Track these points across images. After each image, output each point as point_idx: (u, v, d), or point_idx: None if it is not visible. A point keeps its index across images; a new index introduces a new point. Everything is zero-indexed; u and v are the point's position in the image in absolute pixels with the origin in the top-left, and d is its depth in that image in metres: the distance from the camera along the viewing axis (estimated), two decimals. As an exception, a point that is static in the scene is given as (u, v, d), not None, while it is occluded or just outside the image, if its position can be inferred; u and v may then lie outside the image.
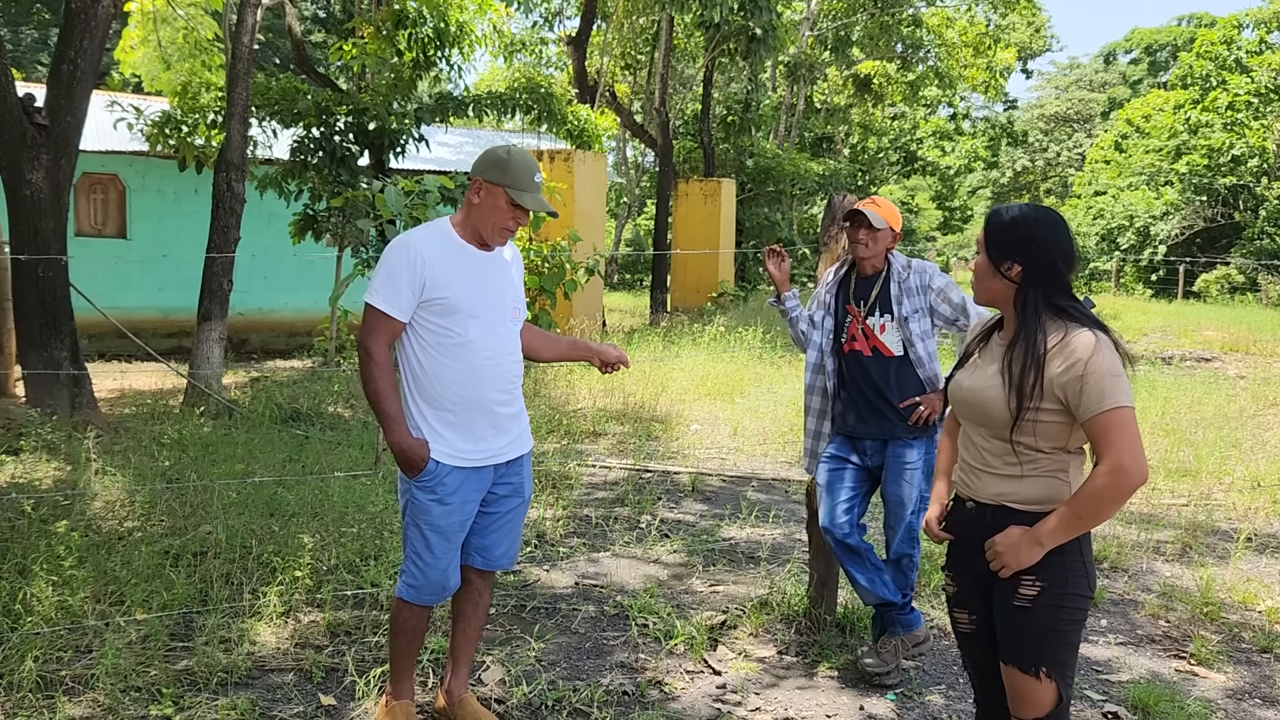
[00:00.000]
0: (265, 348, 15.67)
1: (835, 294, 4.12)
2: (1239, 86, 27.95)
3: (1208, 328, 17.75)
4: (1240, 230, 27.73)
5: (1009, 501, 2.54)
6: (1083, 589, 2.51)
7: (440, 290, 3.13)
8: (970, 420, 2.64)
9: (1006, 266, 2.52)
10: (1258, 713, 3.89)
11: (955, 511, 2.73)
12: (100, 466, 6.28)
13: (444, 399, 3.19)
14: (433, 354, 3.18)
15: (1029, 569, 2.48)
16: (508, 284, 3.31)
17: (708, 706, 3.79)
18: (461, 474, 3.22)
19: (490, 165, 3.16)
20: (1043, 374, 2.44)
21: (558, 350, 3.65)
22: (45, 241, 8.04)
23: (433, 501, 3.21)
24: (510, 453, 3.33)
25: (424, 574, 3.27)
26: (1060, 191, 48.50)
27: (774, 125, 29.23)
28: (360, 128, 12.32)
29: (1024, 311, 2.51)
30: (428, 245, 3.17)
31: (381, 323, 3.15)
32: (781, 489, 7.18)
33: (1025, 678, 2.53)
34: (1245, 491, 7.01)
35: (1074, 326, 2.45)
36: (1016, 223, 2.52)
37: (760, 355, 12.76)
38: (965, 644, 2.78)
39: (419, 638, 3.43)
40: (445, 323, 3.15)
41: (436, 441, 3.20)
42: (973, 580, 2.67)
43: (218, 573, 4.62)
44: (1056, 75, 57.71)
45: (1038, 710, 2.53)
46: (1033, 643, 2.52)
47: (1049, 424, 2.47)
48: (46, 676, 3.69)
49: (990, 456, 2.58)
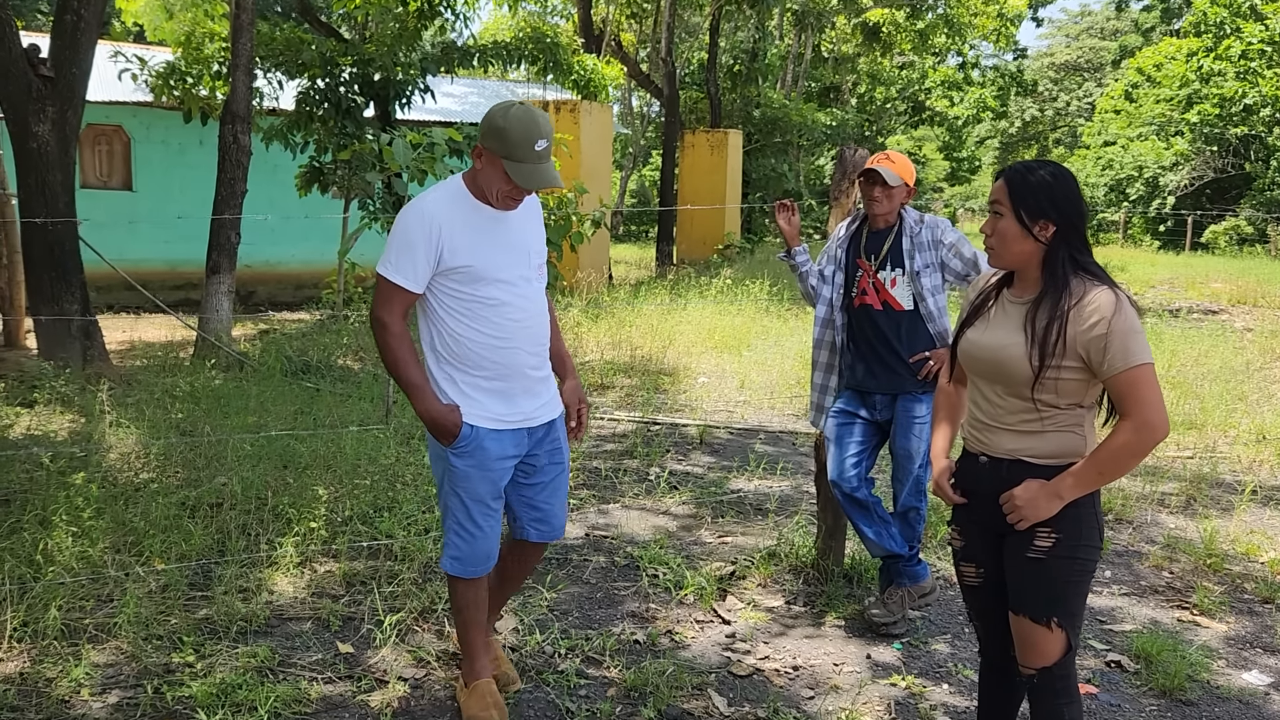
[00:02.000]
0: (272, 300, 15.71)
1: (846, 248, 4.12)
2: (1253, 34, 27.55)
3: (1215, 280, 17.71)
4: (1250, 181, 27.52)
5: (1026, 456, 2.56)
6: (1094, 540, 2.56)
7: (461, 258, 3.00)
8: (984, 377, 2.64)
9: (1040, 227, 2.48)
10: (1259, 661, 3.96)
11: (965, 467, 2.72)
12: (114, 419, 6.35)
13: (477, 363, 3.08)
14: (462, 319, 3.06)
15: (1045, 521, 2.52)
16: (530, 239, 3.17)
17: (717, 655, 3.86)
18: (497, 436, 3.11)
19: (488, 132, 2.97)
20: (1065, 331, 2.44)
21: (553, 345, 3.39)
22: (53, 194, 8.04)
23: (471, 468, 3.10)
24: (543, 416, 3.23)
25: (470, 545, 3.18)
26: (1069, 142, 48.11)
27: (781, 75, 28.94)
28: (365, 78, 12.24)
29: (1053, 270, 2.49)
30: (443, 211, 3.01)
31: (396, 294, 3.02)
32: (789, 441, 7.23)
33: (1036, 627, 2.57)
34: (1250, 444, 7.05)
35: (1093, 284, 2.45)
36: (1048, 181, 2.48)
37: (767, 308, 12.78)
38: (971, 596, 2.82)
39: (482, 608, 3.33)
40: (471, 289, 3.03)
41: (470, 405, 3.09)
42: (982, 534, 2.69)
43: (234, 524, 4.69)
44: (1067, 23, 56.99)
45: (1046, 659, 2.58)
46: (1046, 593, 2.55)
47: (1069, 381, 2.47)
48: (70, 625, 3.78)
49: (1005, 413, 2.58)
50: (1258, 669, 3.88)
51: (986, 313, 2.65)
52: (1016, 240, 2.52)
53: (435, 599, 4.13)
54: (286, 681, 3.47)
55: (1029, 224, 2.49)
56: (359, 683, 3.52)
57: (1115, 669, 3.84)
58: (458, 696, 3.39)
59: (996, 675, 2.87)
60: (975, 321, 2.67)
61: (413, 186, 7.46)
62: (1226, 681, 3.77)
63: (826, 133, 26.32)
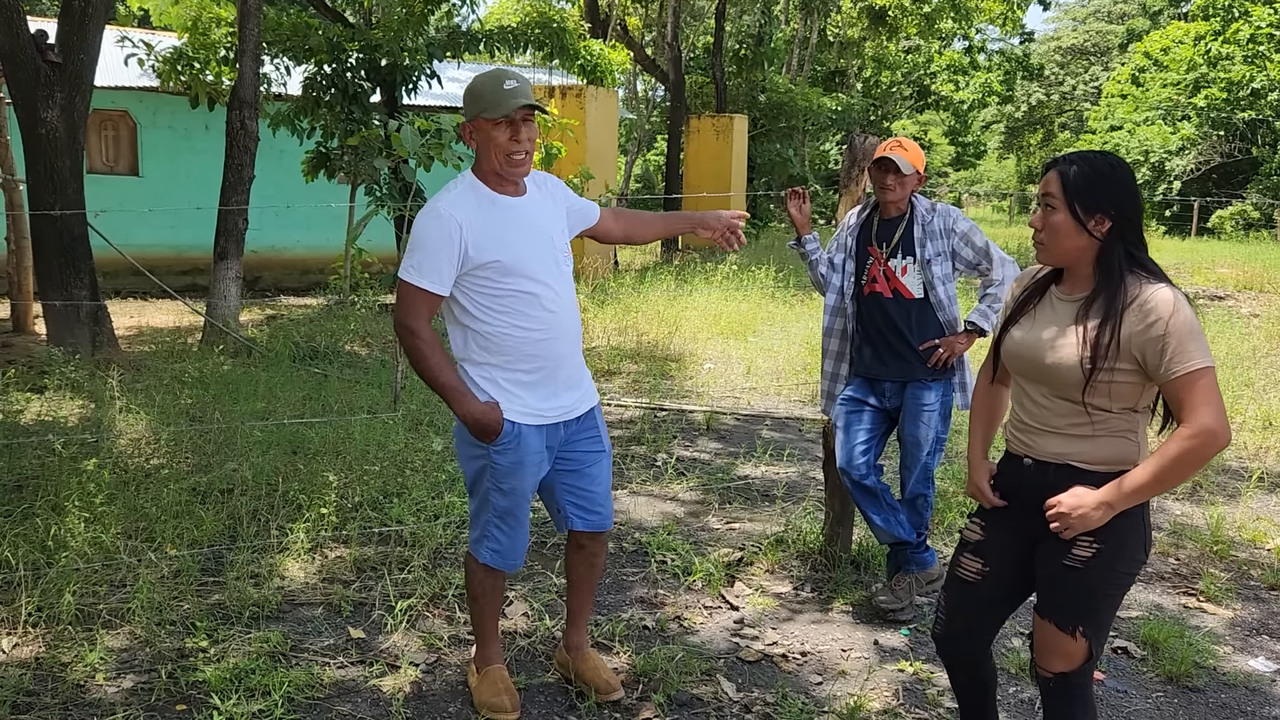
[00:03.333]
0: (279, 285, 15.73)
1: (856, 236, 4.13)
2: (1261, 18, 27.40)
3: (1222, 265, 17.65)
4: (1257, 166, 27.42)
5: (1075, 461, 2.43)
6: (1139, 553, 2.43)
7: (489, 254, 2.94)
8: (1029, 378, 2.51)
9: (1096, 221, 2.35)
10: (1265, 647, 3.98)
11: (1007, 469, 2.60)
12: (124, 404, 6.38)
13: (516, 358, 3.02)
14: (499, 315, 2.99)
15: (1089, 530, 2.38)
16: (551, 226, 3.11)
17: (726, 640, 3.89)
18: (537, 431, 3.08)
19: (466, 106, 3.00)
20: (1119, 331, 2.32)
21: (661, 228, 3.45)
22: (62, 180, 8.06)
23: (514, 465, 3.05)
24: (581, 407, 3.20)
25: (511, 539, 3.16)
26: (1075, 126, 47.89)
27: (786, 59, 28.83)
28: (372, 64, 12.22)
29: (1108, 268, 2.36)
30: (460, 209, 2.96)
31: (421, 299, 2.95)
32: (795, 427, 7.25)
33: (1061, 635, 2.47)
34: (1257, 431, 7.06)
35: (1149, 282, 2.33)
36: (1105, 173, 2.35)
37: (773, 294, 12.77)
38: (959, 590, 2.68)
39: (499, 599, 3.34)
40: (504, 283, 2.97)
41: (510, 401, 3.03)
42: (1010, 536, 2.58)
43: (245, 509, 4.73)
44: (1074, 6, 56.62)
45: (1067, 665, 2.50)
46: (1077, 603, 2.45)
47: (1122, 384, 2.36)
48: (84, 610, 3.81)
49: (1052, 416, 2.46)
50: (1264, 655, 3.90)
51: (1032, 310, 2.52)
52: (1070, 236, 2.38)
53: (445, 584, 4.16)
54: (299, 666, 3.51)
55: (1084, 219, 2.36)
56: (371, 667, 3.55)
57: (1122, 655, 3.86)
58: (469, 682, 3.42)
59: (965, 675, 2.78)
60: (1020, 319, 2.53)
61: (420, 173, 7.48)
62: (1232, 668, 3.79)
63: (832, 118, 26.24)
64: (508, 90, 2.93)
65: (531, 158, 3.04)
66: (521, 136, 2.97)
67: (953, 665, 2.80)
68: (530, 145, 3.00)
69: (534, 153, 3.06)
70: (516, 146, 2.96)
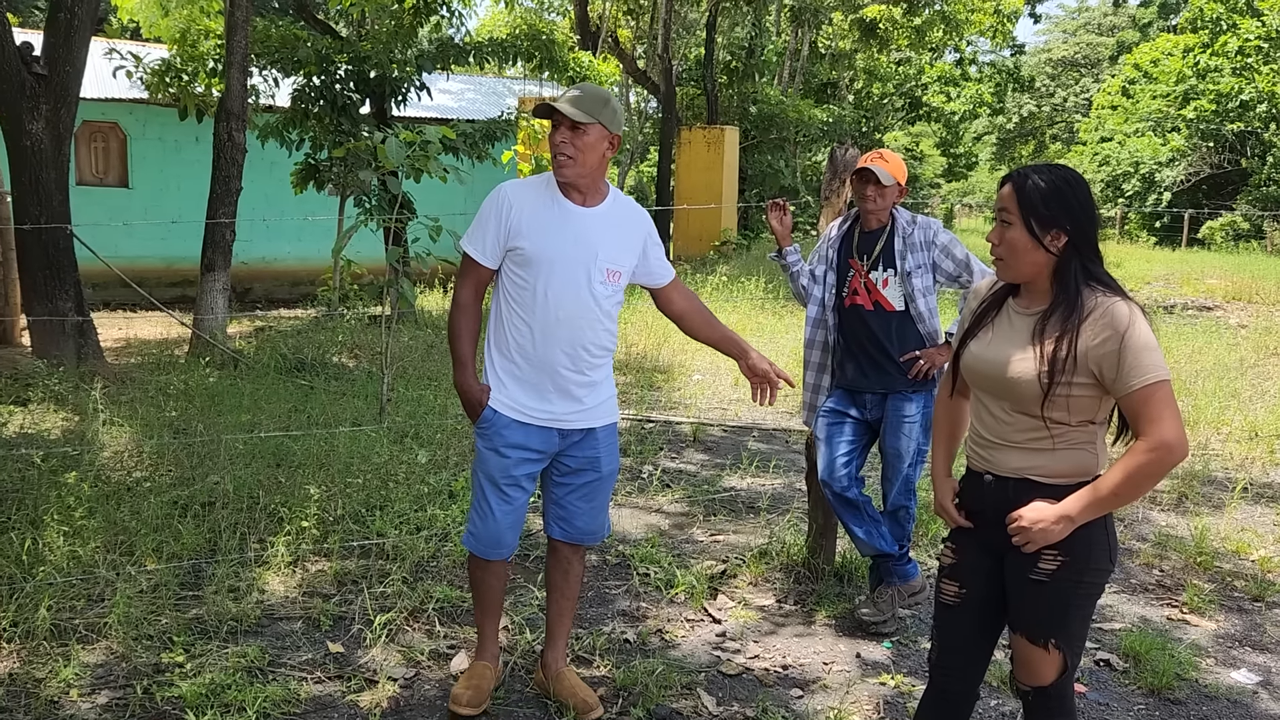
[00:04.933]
0: (268, 297, 15.70)
1: (838, 248, 4.13)
2: (1249, 30, 27.55)
3: (1211, 276, 17.71)
4: (1247, 177, 27.53)
5: (1034, 475, 2.43)
6: (1104, 563, 2.44)
7: (520, 239, 3.09)
8: (988, 392, 2.50)
9: (1052, 237, 2.35)
10: (1248, 659, 3.97)
11: (969, 486, 2.59)
12: (108, 417, 6.34)
13: (514, 352, 3.17)
14: (512, 305, 3.16)
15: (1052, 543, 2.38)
16: (601, 243, 3.14)
17: (708, 654, 3.87)
18: (520, 428, 3.17)
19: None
20: (1075, 345, 2.32)
21: (710, 335, 3.45)
22: (47, 192, 8.03)
23: (489, 451, 3.21)
24: (578, 422, 3.23)
25: (482, 523, 3.28)
26: (1066, 138, 48.10)
27: (778, 71, 28.92)
28: (361, 76, 12.21)
29: (1065, 282, 2.36)
30: (519, 193, 3.14)
31: (470, 267, 3.19)
32: (782, 439, 7.24)
33: (1033, 647, 2.47)
34: (1242, 441, 7.07)
35: (1105, 296, 2.33)
36: (1060, 188, 2.35)
37: (763, 305, 12.78)
38: (943, 615, 2.65)
39: (493, 597, 3.41)
40: (522, 274, 3.11)
41: (499, 390, 3.19)
42: (978, 553, 2.56)
43: (226, 523, 4.69)
44: (1064, 19, 57.00)
45: (1041, 679, 2.49)
46: (1046, 616, 2.45)
47: (1080, 398, 2.35)
48: (60, 624, 3.77)
49: (1012, 430, 2.45)
50: (1246, 667, 3.90)
51: (990, 324, 2.51)
52: (1027, 252, 2.38)
53: (426, 598, 4.14)
54: (276, 681, 3.48)
55: (1040, 235, 2.35)
56: (349, 682, 3.52)
57: (1104, 667, 3.85)
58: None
59: (943, 707, 2.70)
60: (979, 333, 2.52)
61: (408, 184, 7.45)
62: (1215, 680, 3.78)
63: (823, 129, 26.28)
64: (572, 95, 3.09)
65: (579, 164, 3.09)
66: (559, 138, 3.09)
67: (942, 694, 2.71)
68: (573, 150, 3.07)
69: (585, 161, 3.10)
70: (559, 147, 3.09)
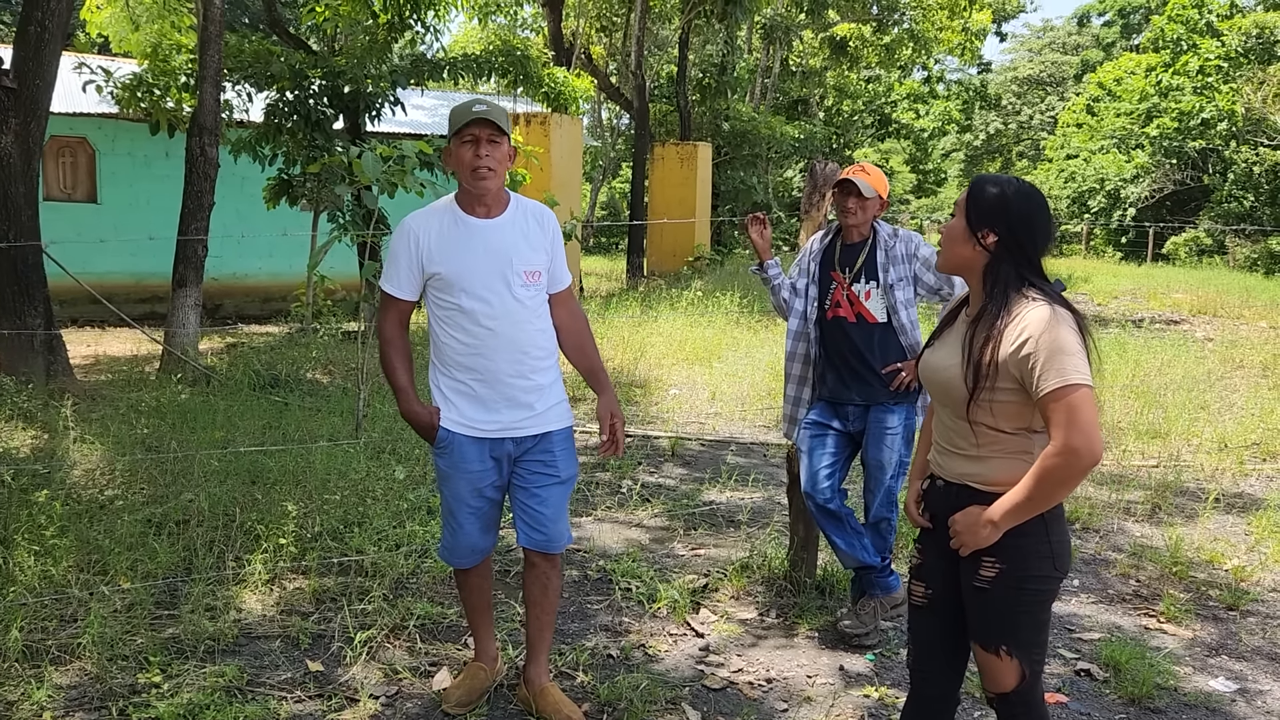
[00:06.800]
0: (240, 313, 15.56)
1: (819, 261, 4.15)
2: (1209, 50, 28.04)
3: (1177, 290, 17.95)
4: (1209, 193, 27.96)
5: (972, 481, 2.48)
6: (1046, 570, 2.44)
7: (435, 266, 3.18)
8: (936, 399, 2.59)
9: (983, 233, 2.44)
10: (1224, 667, 4.01)
11: (929, 490, 2.66)
12: (78, 434, 6.26)
13: (454, 369, 3.25)
14: (444, 326, 3.24)
15: (989, 550, 2.43)
16: (513, 249, 3.20)
17: (691, 668, 3.86)
18: (474, 443, 3.25)
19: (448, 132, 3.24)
20: (998, 351, 2.36)
21: (577, 360, 3.46)
22: (16, 207, 7.93)
23: (449, 468, 3.28)
24: (530, 428, 3.26)
25: (453, 537, 3.38)
26: (1032, 155, 48.65)
27: (750, 88, 29.09)
28: (335, 91, 12.18)
29: (993, 285, 2.43)
30: (422, 223, 3.22)
31: (389, 303, 3.28)
32: (760, 453, 7.25)
33: (987, 654, 2.50)
34: (1213, 453, 7.16)
35: (1033, 302, 2.37)
36: (1002, 192, 2.45)
37: (738, 319, 12.81)
38: (914, 616, 2.72)
39: (480, 598, 3.53)
40: (446, 296, 3.20)
41: (448, 409, 3.26)
42: (938, 557, 2.61)
43: (201, 540, 4.63)
44: (1030, 38, 57.71)
45: (1001, 686, 2.52)
46: (993, 623, 2.48)
47: (1007, 404, 2.39)
48: (33, 646, 3.71)
49: (956, 437, 2.52)
50: (1223, 675, 3.93)
51: (945, 333, 2.61)
52: (959, 241, 2.49)
53: (407, 615, 4.10)
54: (255, 701, 3.43)
55: (974, 228, 2.46)
56: (329, 701, 3.48)
57: (1084, 677, 3.88)
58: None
59: (923, 712, 2.73)
60: (934, 342, 2.63)
61: (383, 200, 7.43)
62: (1193, 688, 3.81)
63: (795, 145, 26.45)
64: (474, 110, 3.12)
65: (499, 175, 3.18)
66: (483, 152, 3.12)
67: (920, 698, 2.75)
68: (494, 163, 3.14)
69: (502, 172, 3.19)
70: (479, 161, 3.12)
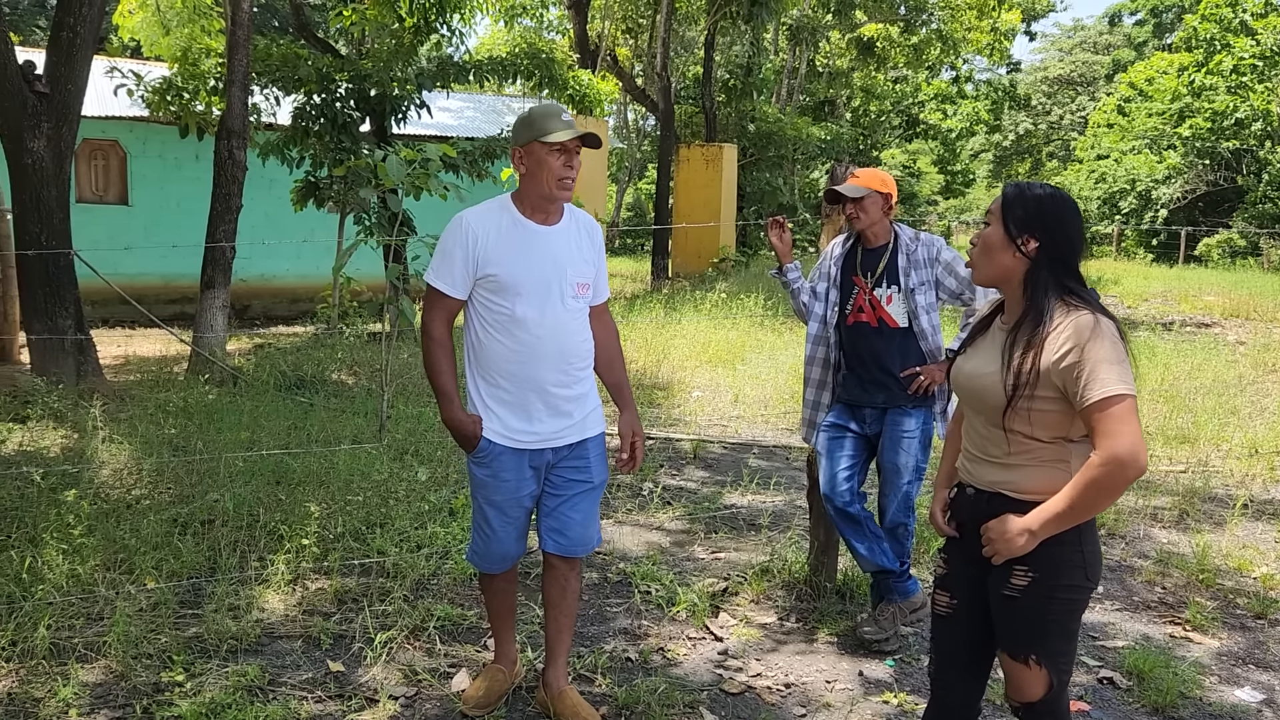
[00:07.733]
0: (267, 314, 15.71)
1: (841, 265, 4.13)
2: (1244, 49, 27.69)
3: (1208, 292, 17.74)
4: (1243, 194, 27.62)
5: (1006, 490, 2.46)
6: (1078, 579, 2.43)
7: (490, 267, 3.14)
8: (970, 406, 2.57)
9: (1024, 241, 2.41)
10: (1251, 677, 3.96)
11: (958, 498, 2.64)
12: (107, 435, 6.33)
13: (498, 376, 3.21)
14: (489, 330, 3.19)
15: (1021, 559, 2.41)
16: (569, 260, 3.22)
17: (709, 672, 3.86)
18: (515, 454, 3.22)
19: (518, 130, 3.18)
20: (1039, 359, 2.34)
21: (604, 375, 3.47)
22: (48, 210, 8.05)
23: (487, 477, 3.26)
24: (570, 437, 3.28)
25: (485, 544, 3.36)
26: (1062, 155, 48.27)
27: (775, 89, 29.05)
28: (361, 94, 12.27)
29: (1033, 292, 2.40)
30: (481, 221, 3.18)
31: (438, 300, 3.21)
32: (783, 456, 7.23)
33: (1015, 664, 2.49)
34: (1243, 458, 7.06)
35: (1075, 310, 2.35)
36: (1040, 199, 2.42)
37: (762, 321, 12.79)
38: (937, 626, 2.71)
39: (504, 601, 3.52)
40: (497, 299, 3.16)
41: (489, 419, 3.22)
42: (965, 565, 2.60)
43: (226, 541, 4.68)
44: (1060, 37, 57.22)
45: (1028, 695, 2.50)
46: (1022, 631, 2.47)
47: (1046, 412, 2.37)
48: (59, 643, 3.76)
49: (989, 444, 2.50)
50: (1250, 685, 3.88)
51: (979, 341, 2.59)
52: (998, 250, 2.45)
53: (427, 617, 4.12)
54: (276, 701, 3.46)
55: (1014, 235, 2.42)
56: (349, 701, 3.51)
57: (1108, 685, 3.84)
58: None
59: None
60: (968, 349, 2.61)
61: (408, 201, 7.47)
62: (1218, 698, 3.76)
63: (821, 147, 26.37)
64: (565, 122, 3.15)
65: (573, 186, 3.21)
66: (574, 163, 3.18)
67: (942, 707, 2.74)
68: (576, 174, 3.19)
69: (574, 184, 3.23)
70: (569, 172, 3.15)
